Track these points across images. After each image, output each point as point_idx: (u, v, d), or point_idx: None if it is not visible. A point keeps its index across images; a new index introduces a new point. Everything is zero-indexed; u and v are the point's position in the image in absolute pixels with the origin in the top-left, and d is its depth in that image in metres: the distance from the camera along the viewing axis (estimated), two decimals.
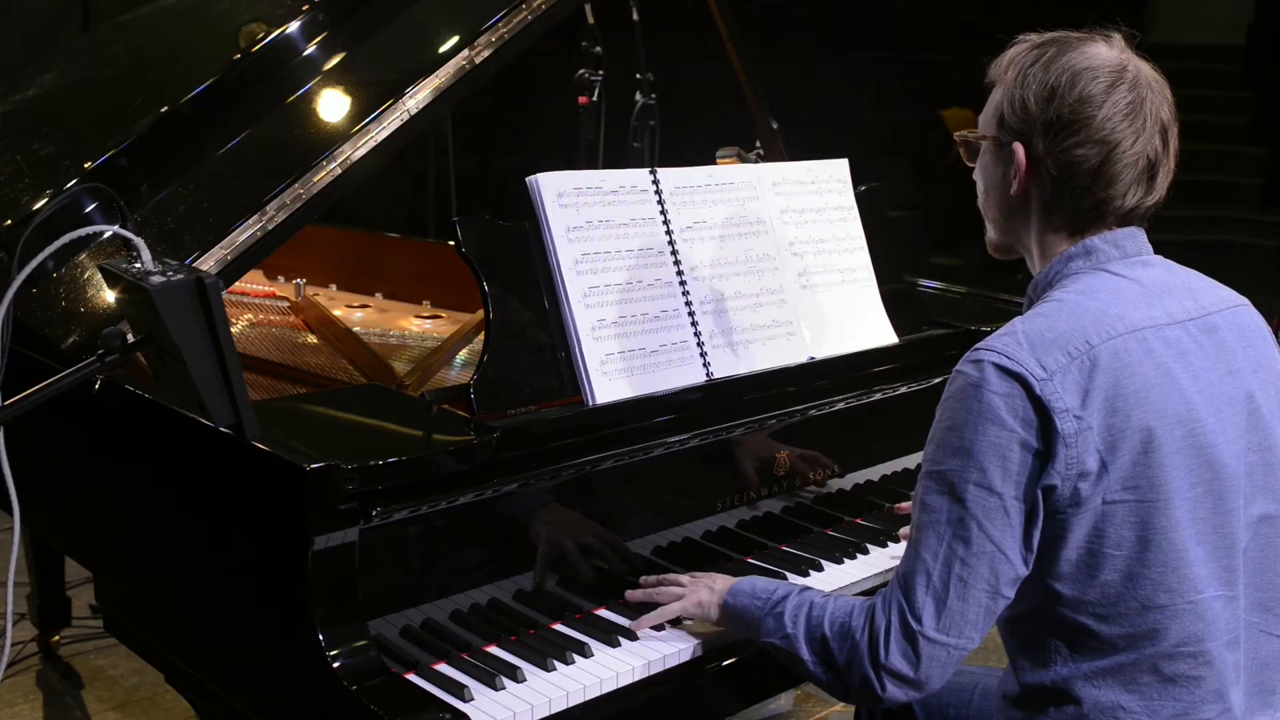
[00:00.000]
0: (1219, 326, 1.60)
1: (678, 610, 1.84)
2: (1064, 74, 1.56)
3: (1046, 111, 1.56)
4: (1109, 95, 1.55)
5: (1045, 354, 1.49)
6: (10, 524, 1.67)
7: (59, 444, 2.23)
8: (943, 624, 1.51)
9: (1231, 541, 1.55)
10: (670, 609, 1.84)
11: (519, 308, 1.94)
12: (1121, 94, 1.55)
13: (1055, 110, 1.56)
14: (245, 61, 2.51)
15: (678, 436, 1.98)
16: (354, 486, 1.62)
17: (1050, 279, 1.63)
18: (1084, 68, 1.56)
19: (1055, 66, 1.57)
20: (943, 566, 1.51)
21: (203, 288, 1.52)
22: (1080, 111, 1.55)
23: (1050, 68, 1.57)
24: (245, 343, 2.59)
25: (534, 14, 2.44)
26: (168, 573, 2.00)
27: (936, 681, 1.55)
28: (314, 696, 1.64)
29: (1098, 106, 1.55)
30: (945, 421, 1.53)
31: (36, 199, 2.43)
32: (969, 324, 2.49)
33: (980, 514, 1.49)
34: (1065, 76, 1.56)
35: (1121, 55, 1.59)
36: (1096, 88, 1.55)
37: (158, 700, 3.16)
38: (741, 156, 2.83)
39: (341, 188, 2.24)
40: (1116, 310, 1.54)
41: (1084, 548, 1.50)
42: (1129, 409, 1.48)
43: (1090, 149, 1.55)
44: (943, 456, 1.52)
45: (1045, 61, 1.58)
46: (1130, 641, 1.52)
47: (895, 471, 2.40)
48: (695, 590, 1.84)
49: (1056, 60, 1.58)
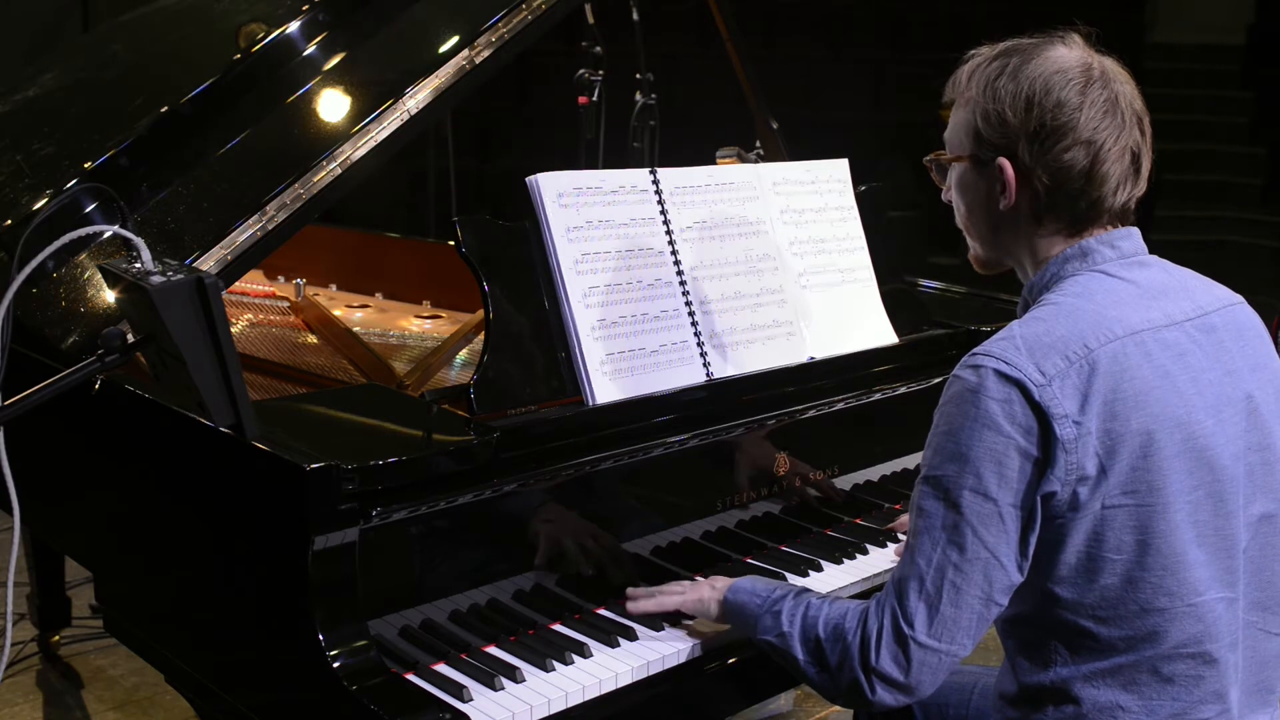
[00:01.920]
0: (1216, 326, 1.60)
1: (677, 603, 1.84)
2: (1035, 81, 1.55)
3: (1028, 122, 1.55)
4: (1085, 95, 1.54)
5: (1044, 359, 1.48)
6: (10, 524, 1.67)
7: (59, 444, 2.23)
8: (935, 630, 1.51)
9: (1232, 543, 1.55)
10: (669, 600, 1.85)
11: (519, 308, 1.94)
12: (1096, 92, 1.55)
13: (1037, 119, 1.55)
14: (245, 61, 2.51)
15: (677, 436, 1.98)
16: (354, 486, 1.62)
17: (1046, 282, 1.62)
18: (1053, 72, 1.56)
19: (1024, 75, 1.56)
20: (936, 572, 1.51)
21: (203, 288, 1.52)
22: (1060, 116, 1.54)
23: (1019, 77, 1.56)
24: (245, 343, 2.59)
25: (534, 14, 2.44)
26: (168, 573, 2.00)
27: (927, 687, 1.55)
28: (314, 696, 1.64)
29: (1076, 109, 1.54)
30: (943, 426, 1.53)
31: (36, 199, 2.43)
32: (969, 324, 2.49)
33: (976, 520, 1.49)
34: (1038, 84, 1.55)
35: (1084, 54, 1.59)
36: (1071, 90, 1.54)
37: (158, 700, 3.16)
38: (741, 156, 2.83)
39: (341, 188, 2.24)
40: (1114, 313, 1.53)
41: (1083, 552, 1.50)
42: (1128, 413, 1.48)
43: (1078, 151, 1.55)
44: (939, 462, 1.52)
45: (1011, 71, 1.57)
46: (1130, 643, 1.52)
47: (895, 472, 2.40)
48: (696, 589, 1.85)
49: (1023, 69, 1.57)
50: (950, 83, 1.66)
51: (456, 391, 1.98)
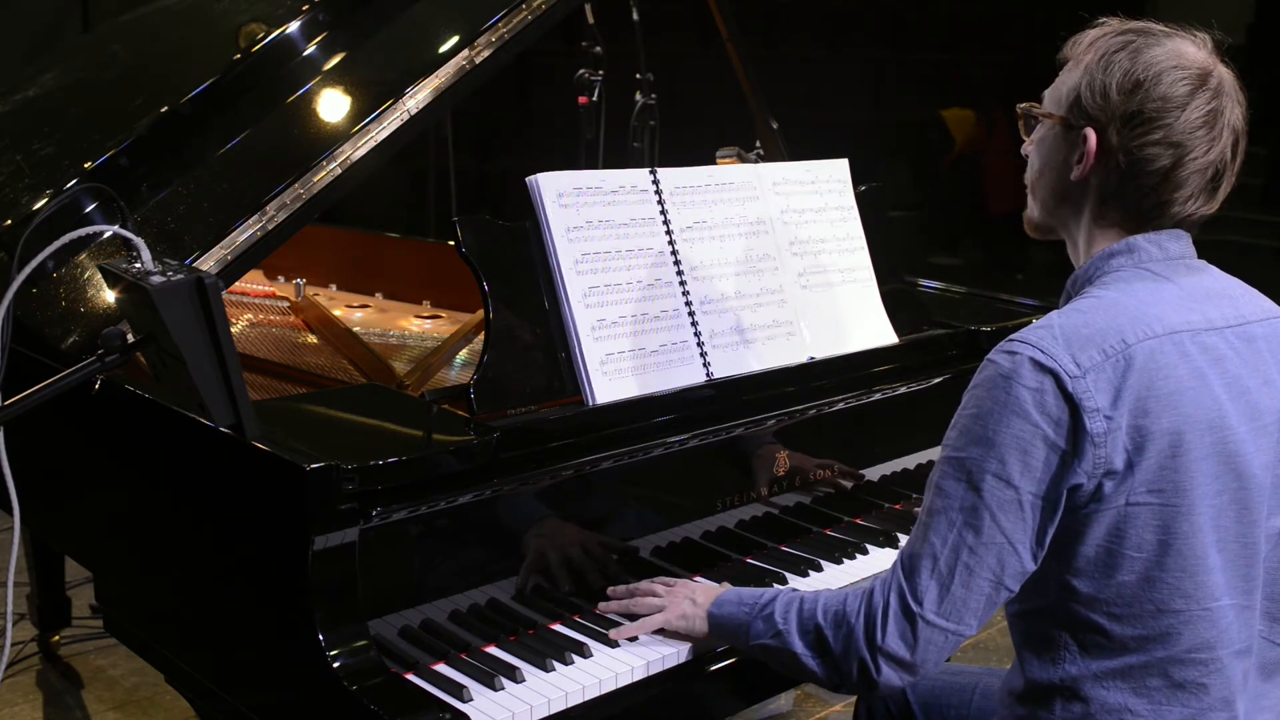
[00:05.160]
0: (1257, 336, 1.58)
1: (660, 622, 1.84)
2: (1151, 67, 1.53)
3: (1128, 103, 1.53)
4: (1191, 99, 1.52)
5: (1080, 351, 1.47)
6: (10, 524, 1.67)
7: (59, 444, 2.23)
8: (944, 609, 1.51)
9: (1254, 551, 1.54)
10: (652, 620, 1.84)
11: (519, 308, 1.94)
12: (1203, 100, 1.53)
13: (1138, 103, 1.52)
14: (245, 61, 2.51)
15: (678, 436, 1.98)
16: (354, 486, 1.62)
17: (1090, 274, 1.60)
18: (1171, 65, 1.53)
19: (1143, 59, 1.53)
20: (950, 552, 1.50)
21: (203, 288, 1.52)
22: (1161, 110, 1.52)
23: (1137, 58, 1.54)
24: (245, 343, 2.59)
25: (534, 14, 2.44)
26: (168, 573, 2.00)
27: (931, 666, 1.55)
28: (314, 696, 1.64)
29: (1179, 108, 1.52)
30: (971, 409, 1.52)
31: (36, 199, 2.43)
32: (969, 324, 2.49)
33: (995, 505, 1.48)
34: (1152, 71, 1.52)
35: (1208, 59, 1.56)
36: (1181, 89, 1.52)
37: (158, 700, 3.16)
38: (741, 156, 2.83)
39: (341, 188, 2.24)
40: (1154, 311, 1.52)
41: (1103, 546, 1.50)
42: (1159, 411, 1.47)
43: (1164, 150, 1.52)
44: (964, 444, 1.51)
45: (1133, 50, 1.54)
46: (1141, 643, 1.51)
47: (895, 471, 2.40)
48: (676, 602, 1.84)
49: (1144, 52, 1.54)
50: (1070, 41, 1.62)
51: (456, 391, 1.98)
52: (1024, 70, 7.06)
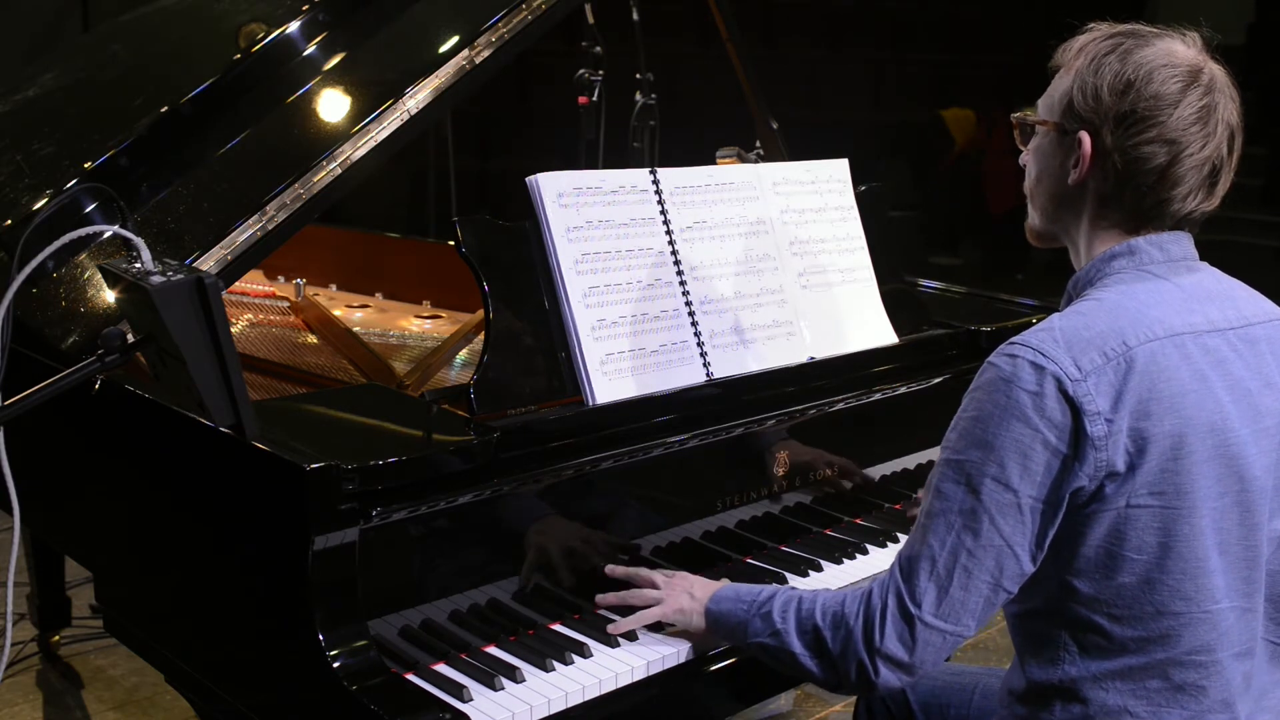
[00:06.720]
0: (1259, 338, 1.58)
1: (657, 615, 1.84)
2: (1141, 67, 1.53)
3: (1120, 104, 1.53)
4: (1183, 96, 1.52)
5: (1081, 354, 1.47)
6: (10, 524, 1.67)
7: (59, 444, 2.23)
8: (942, 610, 1.51)
9: (1256, 554, 1.54)
10: (649, 614, 1.84)
11: (519, 308, 1.94)
12: (1195, 96, 1.53)
13: (1130, 104, 1.53)
14: (245, 61, 2.51)
15: (678, 436, 1.98)
16: (354, 486, 1.62)
17: (1091, 277, 1.60)
18: (1161, 64, 1.53)
19: (1132, 59, 1.54)
20: (949, 555, 1.50)
21: (203, 288, 1.52)
22: (1154, 108, 1.52)
23: (1127, 60, 1.54)
24: (245, 343, 2.59)
25: (534, 14, 2.44)
26: (168, 573, 2.00)
27: (929, 667, 1.55)
28: (314, 696, 1.64)
29: (1172, 106, 1.52)
30: (971, 411, 1.52)
31: (36, 199, 2.43)
32: (969, 324, 2.49)
33: (994, 508, 1.48)
34: (1142, 70, 1.53)
35: (1198, 56, 1.56)
36: (1172, 86, 1.52)
37: (158, 700, 3.16)
38: (741, 156, 2.83)
39: (341, 188, 2.24)
40: (1156, 313, 1.52)
41: (1103, 547, 1.49)
42: (1161, 413, 1.47)
43: (1159, 148, 1.53)
44: (964, 446, 1.51)
45: (1122, 52, 1.55)
46: (1141, 644, 1.51)
47: (895, 471, 2.40)
48: (674, 596, 1.84)
49: (1134, 53, 1.55)
50: (1062, 48, 1.63)
51: (456, 391, 1.98)
52: (1024, 71, 7.05)
